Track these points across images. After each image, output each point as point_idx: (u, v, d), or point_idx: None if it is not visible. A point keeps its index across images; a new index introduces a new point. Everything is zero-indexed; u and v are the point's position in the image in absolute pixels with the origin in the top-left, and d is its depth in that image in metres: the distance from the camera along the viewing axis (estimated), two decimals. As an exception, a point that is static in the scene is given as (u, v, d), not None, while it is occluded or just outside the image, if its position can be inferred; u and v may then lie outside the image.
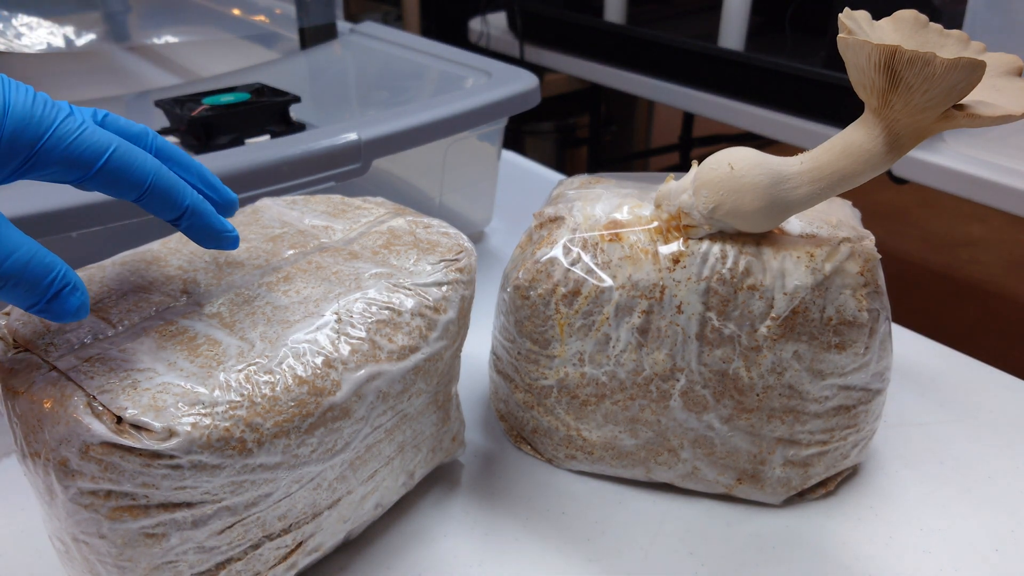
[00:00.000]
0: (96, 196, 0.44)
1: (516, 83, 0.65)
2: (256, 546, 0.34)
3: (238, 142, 0.56)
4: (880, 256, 0.41)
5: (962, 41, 0.37)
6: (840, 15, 0.36)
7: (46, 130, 0.29)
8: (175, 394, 0.30)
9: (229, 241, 0.36)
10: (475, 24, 1.54)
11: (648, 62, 1.25)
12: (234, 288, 0.37)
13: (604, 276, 0.41)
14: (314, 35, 0.85)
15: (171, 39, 1.01)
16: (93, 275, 0.37)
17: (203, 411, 0.30)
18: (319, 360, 0.33)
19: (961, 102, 0.34)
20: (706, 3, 1.33)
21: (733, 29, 1.12)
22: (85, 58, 0.94)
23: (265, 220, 0.43)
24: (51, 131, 0.29)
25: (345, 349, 0.34)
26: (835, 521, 0.43)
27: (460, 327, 0.40)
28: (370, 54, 0.82)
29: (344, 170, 0.55)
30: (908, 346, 0.59)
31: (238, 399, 0.31)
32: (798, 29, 1.20)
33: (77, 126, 0.30)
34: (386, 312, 0.36)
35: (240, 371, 0.32)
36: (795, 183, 0.37)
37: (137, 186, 0.32)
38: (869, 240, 0.41)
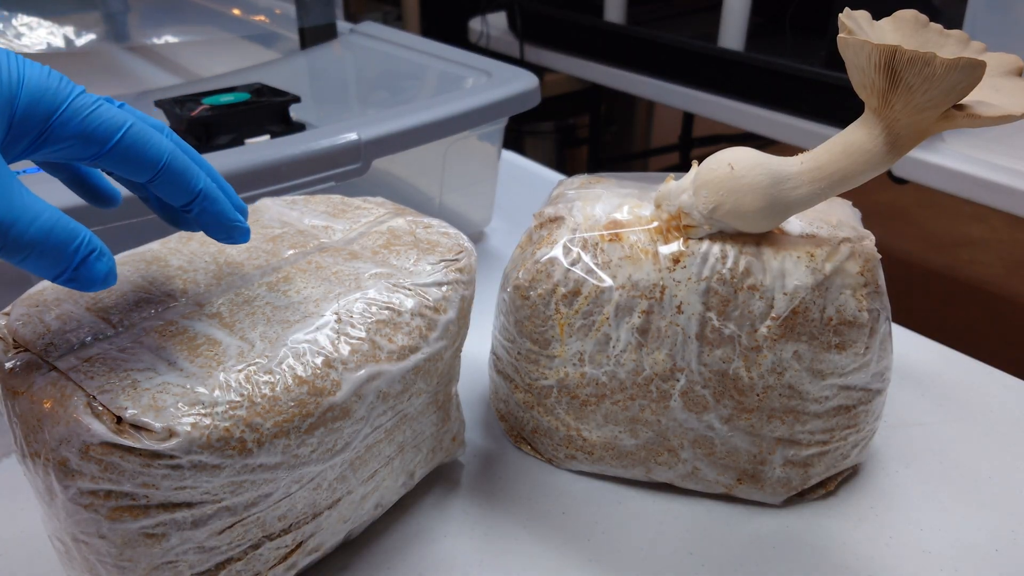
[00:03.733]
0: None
1: (516, 83, 0.65)
2: (256, 546, 0.34)
3: (238, 142, 0.56)
4: (880, 256, 0.41)
5: (962, 41, 0.37)
6: (840, 15, 0.36)
7: (61, 103, 0.29)
8: (175, 394, 0.30)
9: (240, 232, 0.35)
10: (475, 24, 1.54)
11: (648, 62, 1.25)
12: (234, 288, 0.37)
13: (604, 276, 0.41)
14: (314, 35, 0.85)
15: (171, 39, 1.01)
16: (93, 275, 0.37)
17: (203, 411, 0.30)
18: (319, 360, 0.33)
19: (961, 102, 0.34)
20: (706, 3, 1.33)
21: (733, 29, 1.12)
22: (85, 58, 0.94)
23: (265, 220, 0.43)
24: (66, 104, 0.29)
25: (345, 349, 0.34)
26: (835, 521, 0.43)
27: (460, 327, 0.40)
28: (370, 54, 0.82)
29: (344, 170, 0.55)
30: (908, 346, 0.59)
31: (238, 399, 0.31)
32: (798, 29, 1.20)
33: (92, 102, 0.30)
34: (386, 312, 0.36)
35: (240, 371, 0.32)
36: (795, 183, 0.37)
37: (152, 165, 0.31)
38: (869, 240, 0.41)
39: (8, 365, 0.32)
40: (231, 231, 0.35)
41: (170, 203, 0.33)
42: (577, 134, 1.92)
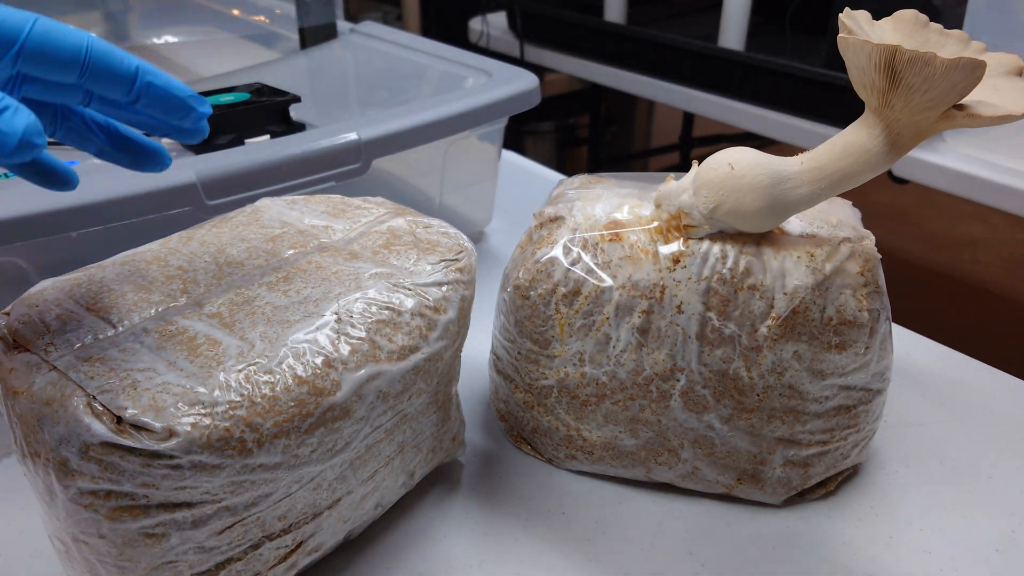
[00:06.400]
0: (94, 196, 0.44)
1: (516, 83, 0.65)
2: (256, 546, 0.34)
3: (238, 142, 0.56)
4: (880, 256, 0.41)
5: (962, 41, 0.37)
6: (840, 15, 0.36)
7: None
8: (175, 394, 0.30)
9: (198, 102, 0.31)
10: (475, 24, 1.54)
11: (648, 62, 1.25)
12: (234, 288, 0.37)
13: (604, 276, 0.41)
14: (314, 35, 0.85)
15: (171, 39, 1.01)
16: (93, 275, 0.37)
17: (203, 411, 0.30)
18: (319, 360, 0.33)
19: (961, 102, 0.34)
20: (706, 3, 1.33)
21: (733, 29, 1.12)
22: (85, 58, 0.94)
23: (265, 220, 0.43)
24: None
25: (345, 349, 0.34)
26: (835, 521, 0.43)
27: (460, 327, 0.40)
28: (370, 54, 0.82)
29: (344, 170, 0.55)
30: (908, 346, 0.59)
31: (238, 399, 0.31)
32: (798, 29, 1.20)
33: None
34: (386, 312, 0.36)
35: (240, 371, 0.32)
36: (795, 183, 0.37)
37: (74, 54, 0.28)
38: (869, 240, 0.41)
39: (8, 365, 0.32)
40: (188, 106, 0.31)
41: (111, 97, 0.30)
42: (577, 134, 1.92)
